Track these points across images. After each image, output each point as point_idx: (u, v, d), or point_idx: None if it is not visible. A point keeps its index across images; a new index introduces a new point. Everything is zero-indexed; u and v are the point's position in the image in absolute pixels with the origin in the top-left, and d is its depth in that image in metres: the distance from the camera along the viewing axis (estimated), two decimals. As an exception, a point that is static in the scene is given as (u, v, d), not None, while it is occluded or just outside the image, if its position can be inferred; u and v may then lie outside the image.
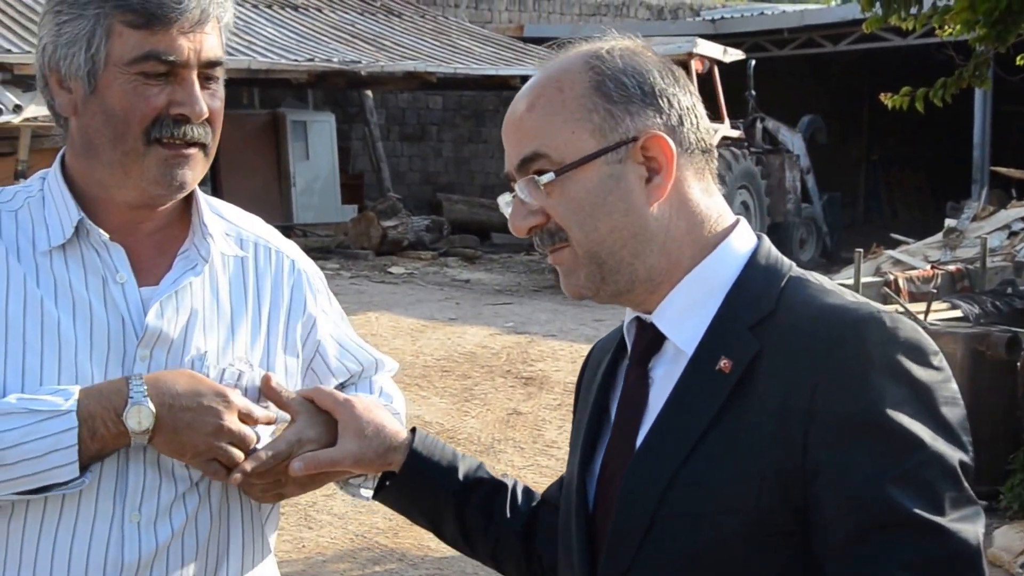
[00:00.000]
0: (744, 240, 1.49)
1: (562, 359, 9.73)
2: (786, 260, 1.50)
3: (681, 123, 1.46)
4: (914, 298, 10.26)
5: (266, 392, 1.76)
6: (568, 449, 1.66)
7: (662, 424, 1.43)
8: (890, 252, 12.90)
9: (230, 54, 1.78)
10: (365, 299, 12.41)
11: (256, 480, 1.70)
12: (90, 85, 1.66)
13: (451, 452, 1.77)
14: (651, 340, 1.49)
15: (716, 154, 1.52)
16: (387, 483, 1.76)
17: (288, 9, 20.32)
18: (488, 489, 1.75)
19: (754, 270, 1.46)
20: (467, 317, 11.74)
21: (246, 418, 1.68)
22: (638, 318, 1.52)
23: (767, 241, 1.52)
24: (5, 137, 14.05)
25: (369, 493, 1.86)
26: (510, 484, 1.78)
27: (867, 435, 1.32)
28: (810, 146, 18.42)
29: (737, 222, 1.51)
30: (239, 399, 1.68)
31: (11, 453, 1.57)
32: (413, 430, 1.77)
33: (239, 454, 1.67)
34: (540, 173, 1.45)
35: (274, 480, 1.72)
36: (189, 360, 1.72)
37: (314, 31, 19.19)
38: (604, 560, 1.46)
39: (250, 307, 1.81)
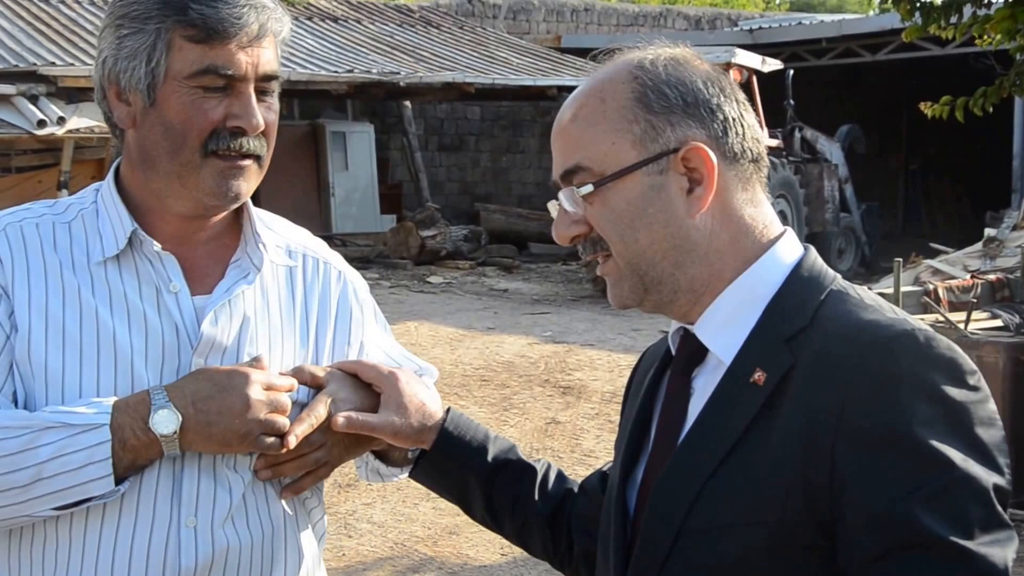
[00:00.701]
0: (789, 251, 1.48)
1: (600, 368, 9.74)
2: (830, 272, 1.48)
3: (725, 133, 1.45)
4: (954, 308, 10.18)
5: (293, 372, 1.79)
6: (612, 454, 1.68)
7: (695, 435, 1.43)
8: (929, 261, 12.81)
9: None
10: (404, 308, 12.47)
11: (300, 452, 1.73)
12: (149, 98, 1.69)
13: (483, 433, 1.80)
14: (694, 350, 1.49)
15: (766, 163, 1.50)
16: (419, 460, 1.80)
17: (328, 21, 20.47)
18: (516, 471, 1.78)
19: (796, 282, 1.45)
20: (505, 326, 11.77)
21: (271, 386, 1.70)
22: (683, 328, 1.52)
23: (813, 252, 1.50)
24: (49, 149, 14.24)
25: (392, 472, 1.90)
26: (541, 468, 1.80)
27: (894, 453, 1.30)
28: (848, 155, 18.33)
29: (784, 232, 1.50)
30: (257, 373, 1.70)
31: (49, 466, 1.60)
32: (448, 409, 1.80)
33: (283, 420, 1.69)
34: (583, 184, 1.46)
35: (319, 446, 1.75)
36: None
37: (353, 43, 19.33)
38: (631, 570, 1.47)
39: (298, 316, 1.84)
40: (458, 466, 1.77)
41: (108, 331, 1.69)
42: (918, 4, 6.85)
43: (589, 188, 1.45)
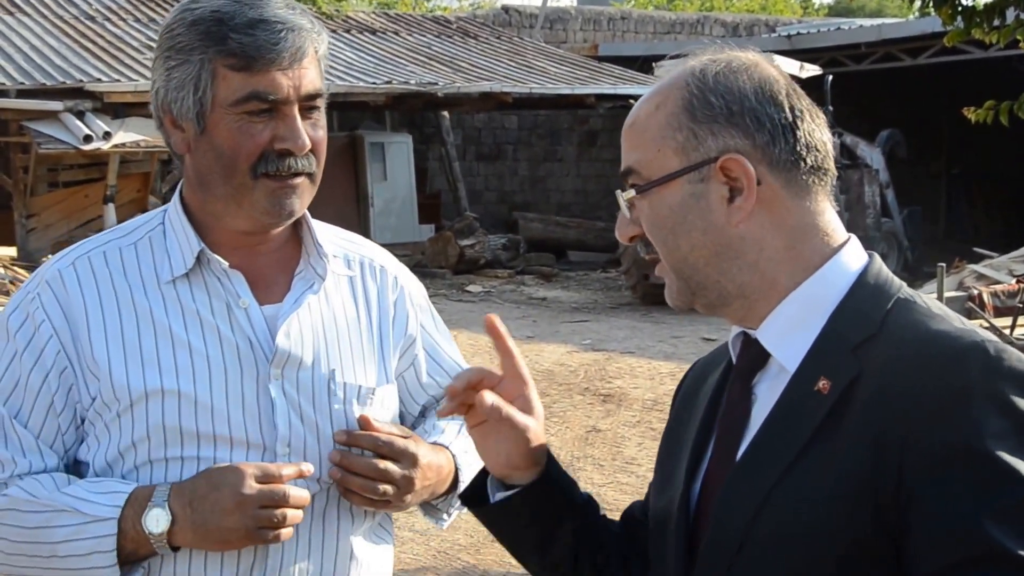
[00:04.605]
0: (854, 258, 1.48)
1: (640, 376, 9.74)
2: (896, 280, 1.47)
3: (773, 143, 1.44)
4: (999, 312, 10.11)
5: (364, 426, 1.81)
6: (653, 463, 1.66)
7: (759, 442, 1.42)
8: (973, 266, 12.71)
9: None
10: (443, 317, 12.25)
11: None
12: (199, 125, 1.75)
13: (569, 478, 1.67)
14: (755, 356, 1.48)
15: (830, 170, 1.49)
16: (511, 492, 1.59)
17: (366, 33, 20.61)
18: (595, 512, 1.68)
19: (862, 289, 1.44)
20: (544, 335, 11.80)
21: (269, 478, 1.70)
22: (744, 333, 1.51)
23: (878, 260, 1.49)
24: (95, 163, 14.44)
25: (450, 517, 1.95)
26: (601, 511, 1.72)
27: (964, 467, 1.27)
28: (889, 160, 18.21)
29: (848, 240, 1.49)
30: (253, 468, 1.70)
31: (62, 547, 1.71)
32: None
33: (276, 512, 1.68)
34: (633, 187, 1.49)
35: (391, 481, 1.78)
36: (320, 378, 1.81)
37: (391, 54, 19.45)
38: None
39: (363, 323, 1.89)
40: (557, 504, 1.61)
41: (184, 346, 1.76)
42: (960, 8, 6.79)
43: (632, 193, 1.48)
